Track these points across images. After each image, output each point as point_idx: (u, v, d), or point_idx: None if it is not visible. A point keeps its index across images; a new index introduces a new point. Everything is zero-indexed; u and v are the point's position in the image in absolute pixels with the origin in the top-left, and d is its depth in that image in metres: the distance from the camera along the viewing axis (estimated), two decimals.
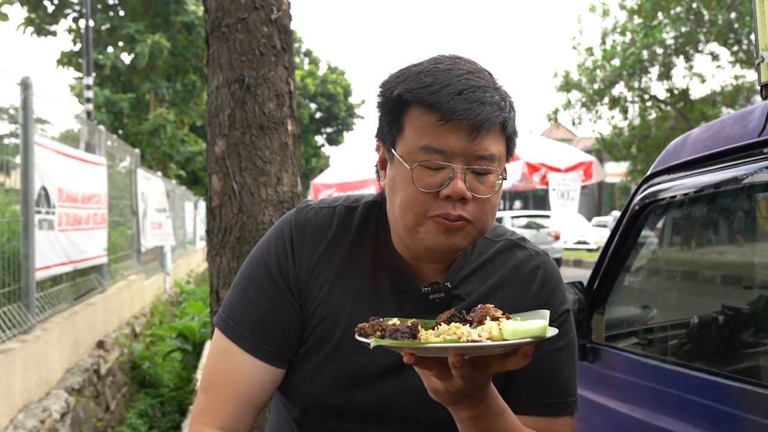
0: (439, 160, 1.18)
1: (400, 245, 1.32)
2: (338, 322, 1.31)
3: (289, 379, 1.36)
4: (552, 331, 1.04)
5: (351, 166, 10.18)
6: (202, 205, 22.15)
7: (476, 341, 0.99)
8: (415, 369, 1.10)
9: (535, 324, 1.01)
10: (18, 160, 5.58)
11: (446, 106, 1.16)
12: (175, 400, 7.67)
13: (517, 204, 44.19)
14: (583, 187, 9.62)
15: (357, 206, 1.38)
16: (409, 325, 1.04)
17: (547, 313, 1.12)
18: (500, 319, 1.05)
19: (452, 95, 1.16)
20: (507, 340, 0.99)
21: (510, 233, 1.43)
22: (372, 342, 1.01)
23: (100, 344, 7.17)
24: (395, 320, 1.08)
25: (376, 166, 1.36)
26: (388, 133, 1.26)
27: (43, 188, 5.75)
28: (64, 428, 5.14)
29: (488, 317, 1.05)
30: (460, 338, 1.01)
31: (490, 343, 0.99)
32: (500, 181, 1.22)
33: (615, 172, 29.54)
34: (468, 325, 1.06)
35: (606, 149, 22.62)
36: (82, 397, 5.90)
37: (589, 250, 24.66)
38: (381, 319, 1.08)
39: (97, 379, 6.60)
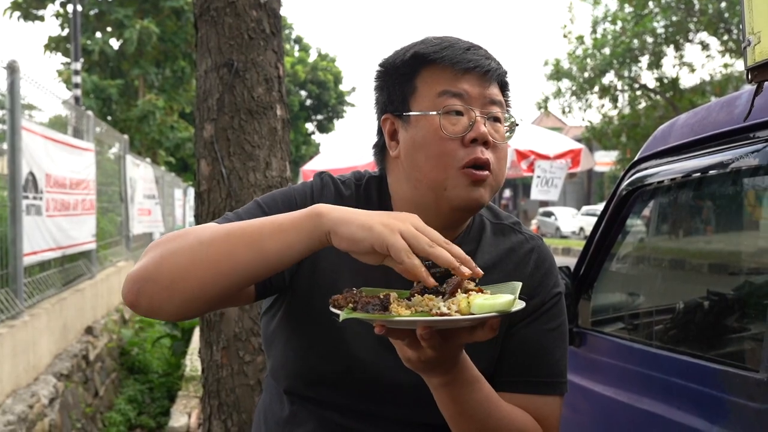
0: (458, 104, 1.26)
1: None
2: (337, 291, 1.31)
3: (290, 345, 1.35)
4: (519, 305, 1.07)
5: (341, 152, 10.15)
6: (191, 191, 22.09)
7: (444, 314, 1.02)
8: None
9: (502, 299, 1.03)
10: (5, 145, 5.55)
11: (459, 57, 1.27)
12: (164, 386, 7.67)
13: (507, 193, 44.22)
14: (573, 176, 9.64)
15: (361, 183, 1.41)
16: (381, 297, 1.06)
17: (518, 285, 1.14)
18: (470, 292, 1.07)
19: (463, 50, 1.29)
20: (474, 314, 1.02)
21: (506, 216, 1.46)
22: (342, 315, 1.03)
23: (89, 330, 7.15)
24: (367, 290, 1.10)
25: (375, 147, 1.40)
26: (399, 97, 1.32)
27: (31, 173, 5.72)
28: (53, 413, 5.13)
29: (460, 289, 1.08)
30: (431, 310, 1.04)
31: (456, 317, 1.02)
32: (508, 133, 1.32)
33: (605, 161, 29.62)
34: (441, 296, 1.08)
35: (596, 138, 22.67)
36: (71, 383, 5.89)
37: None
38: (354, 291, 1.09)
39: (85, 364, 6.59)
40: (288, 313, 1.36)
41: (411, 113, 1.29)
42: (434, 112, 1.26)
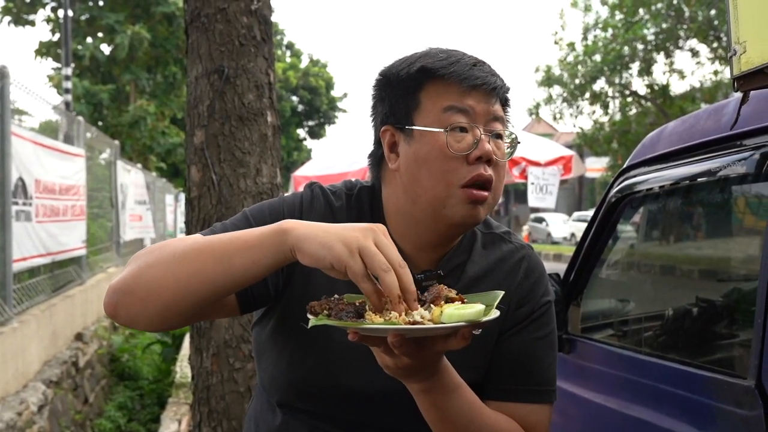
0: (464, 120, 1.26)
1: (403, 229, 1.33)
2: None
3: (282, 357, 1.34)
4: (494, 314, 1.07)
5: (332, 158, 10.15)
6: (183, 197, 22.02)
7: (416, 322, 1.02)
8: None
9: (473, 308, 1.04)
10: None
11: (467, 73, 1.27)
12: (154, 392, 7.65)
13: (499, 199, 44.13)
14: (564, 182, 9.66)
15: (352, 194, 1.40)
16: (357, 304, 1.07)
17: (499, 294, 1.15)
18: (443, 302, 1.08)
19: (469, 66, 1.28)
20: (444, 323, 1.03)
21: (496, 226, 1.46)
22: (312, 321, 1.04)
23: (79, 336, 7.12)
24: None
25: (372, 157, 1.38)
26: (402, 110, 1.30)
27: (20, 179, 5.70)
28: (42, 420, 5.11)
29: (441, 299, 1.09)
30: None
31: (424, 326, 1.02)
32: (509, 150, 1.32)
33: (596, 167, 29.71)
34: (422, 305, 1.08)
35: (587, 144, 22.75)
36: (61, 390, 5.86)
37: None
38: (332, 297, 1.10)
39: (75, 371, 6.56)
40: (280, 325, 1.35)
41: (414, 127, 1.28)
42: (440, 129, 1.25)
